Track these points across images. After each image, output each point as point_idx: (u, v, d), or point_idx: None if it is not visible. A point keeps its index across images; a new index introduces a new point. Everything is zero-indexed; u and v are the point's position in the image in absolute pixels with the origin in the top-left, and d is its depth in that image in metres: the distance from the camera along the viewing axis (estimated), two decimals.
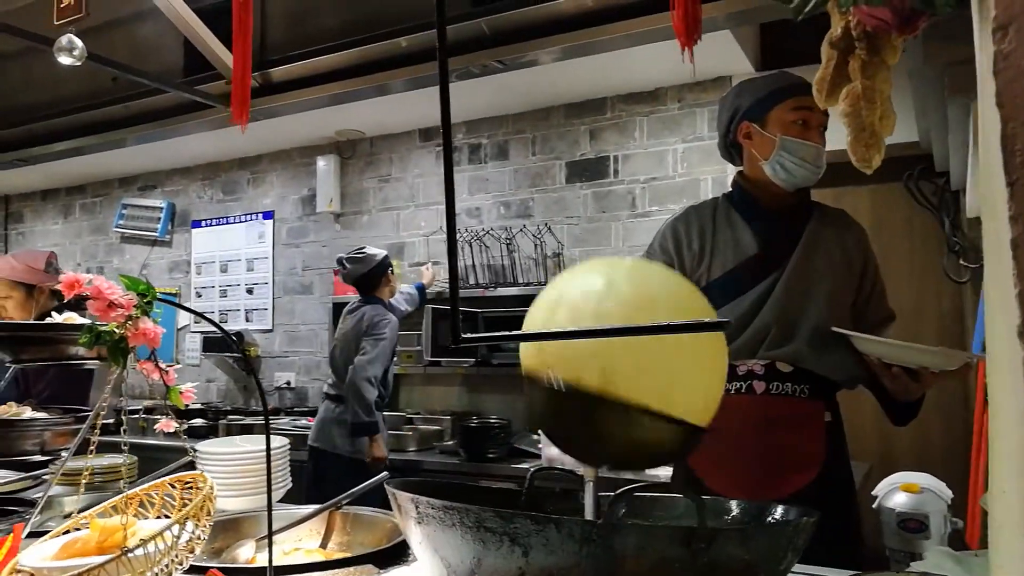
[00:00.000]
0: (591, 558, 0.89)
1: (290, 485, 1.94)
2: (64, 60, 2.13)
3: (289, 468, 1.96)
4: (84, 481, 1.17)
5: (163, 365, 1.12)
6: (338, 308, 4.57)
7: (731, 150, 1.87)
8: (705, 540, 0.89)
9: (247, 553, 1.56)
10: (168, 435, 1.29)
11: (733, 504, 1.25)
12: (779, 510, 1.17)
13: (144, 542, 0.97)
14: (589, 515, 1.33)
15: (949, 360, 1.54)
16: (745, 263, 1.74)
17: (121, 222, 5.74)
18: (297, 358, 5.05)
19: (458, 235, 4.39)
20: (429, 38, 2.34)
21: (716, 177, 3.90)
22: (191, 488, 1.22)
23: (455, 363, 4.07)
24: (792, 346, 1.67)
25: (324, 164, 4.91)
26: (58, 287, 1.16)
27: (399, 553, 1.49)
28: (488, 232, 4.36)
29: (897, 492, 2.82)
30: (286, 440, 1.96)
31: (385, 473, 1.91)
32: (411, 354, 4.25)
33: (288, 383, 5.02)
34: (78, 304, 2.17)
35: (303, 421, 4.19)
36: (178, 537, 1.02)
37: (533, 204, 4.36)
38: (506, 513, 0.93)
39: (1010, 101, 0.47)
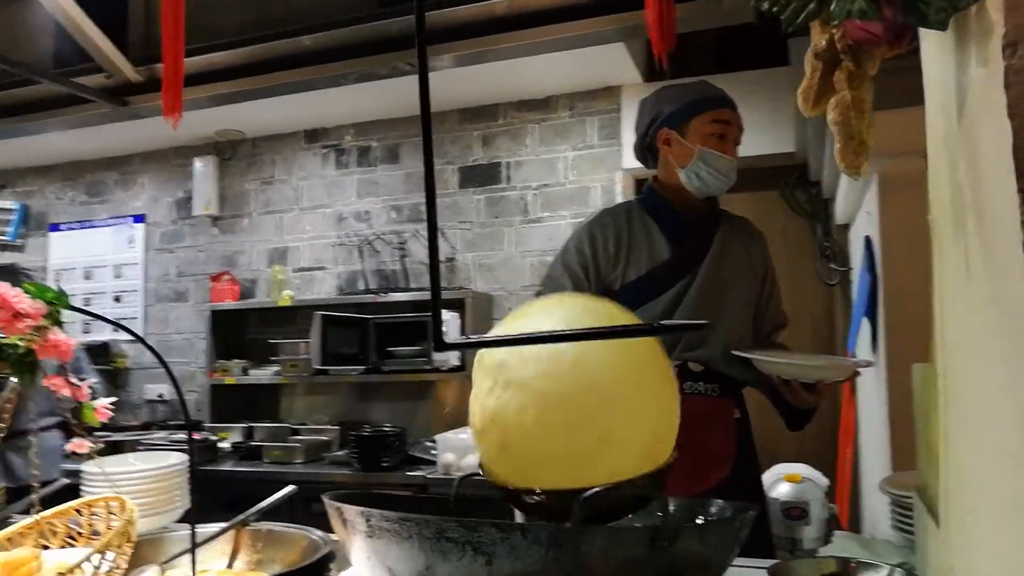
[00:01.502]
0: (557, 562, 0.88)
1: (188, 504, 1.82)
2: None
3: (188, 487, 1.83)
4: None
5: (74, 380, 1.02)
6: (217, 316, 4.35)
7: (647, 153, 1.91)
8: (668, 538, 0.90)
9: None
10: (79, 456, 1.17)
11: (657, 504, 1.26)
12: (714, 506, 1.21)
13: (63, 575, 0.88)
14: (519, 519, 1.33)
15: (840, 372, 1.64)
16: (659, 267, 1.79)
17: None
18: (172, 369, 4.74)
19: (347, 239, 4.29)
20: (331, 38, 2.27)
21: (605, 185, 4.00)
22: (97, 514, 1.11)
23: (343, 371, 3.96)
24: (705, 350, 1.73)
25: (201, 165, 4.66)
26: None
27: (321, 569, 1.42)
28: (379, 236, 4.28)
29: (781, 482, 2.98)
30: (184, 457, 1.84)
31: (292, 487, 1.82)
32: (295, 363, 4.09)
33: (161, 396, 4.72)
34: None
35: (180, 435, 3.95)
36: (98, 568, 0.92)
37: (425, 209, 4.31)
38: (470, 522, 0.90)
39: (1020, 113, 0.49)
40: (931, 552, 1.03)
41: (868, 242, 2.57)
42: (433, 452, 3.58)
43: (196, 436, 3.88)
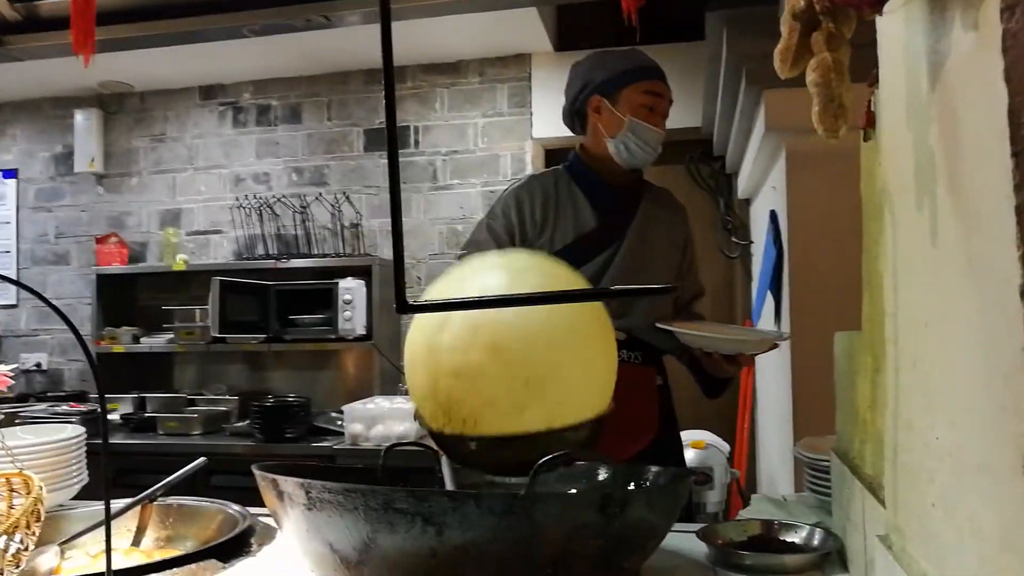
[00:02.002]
0: (510, 530, 0.87)
1: (86, 480, 1.70)
2: None
3: (85, 461, 1.71)
4: None
5: None
6: (103, 280, 4.08)
7: (575, 119, 1.90)
8: (619, 504, 0.90)
9: (50, 561, 1.34)
10: None
11: (602, 470, 1.27)
12: (650, 471, 1.22)
13: None
14: (449, 483, 1.32)
15: (760, 344, 1.68)
16: (585, 236, 1.79)
17: None
18: (50, 337, 4.44)
19: (245, 202, 4.10)
20: None
21: (515, 154, 3.97)
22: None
23: (242, 340, 3.80)
24: (629, 319, 1.74)
25: (84, 118, 4.33)
26: None
27: (241, 545, 1.35)
28: (280, 199, 4.11)
29: (688, 449, 3.09)
30: (82, 429, 1.71)
31: (202, 459, 1.73)
32: (191, 331, 3.89)
33: (39, 365, 4.41)
34: None
35: (64, 407, 3.70)
36: (5, 550, 0.84)
37: (329, 172, 4.17)
38: (420, 492, 0.87)
39: (1017, 76, 0.50)
40: (855, 508, 1.08)
41: (774, 216, 2.66)
42: (339, 423, 3.50)
43: (81, 407, 3.65)
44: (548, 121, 3.91)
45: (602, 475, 1.09)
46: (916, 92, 0.70)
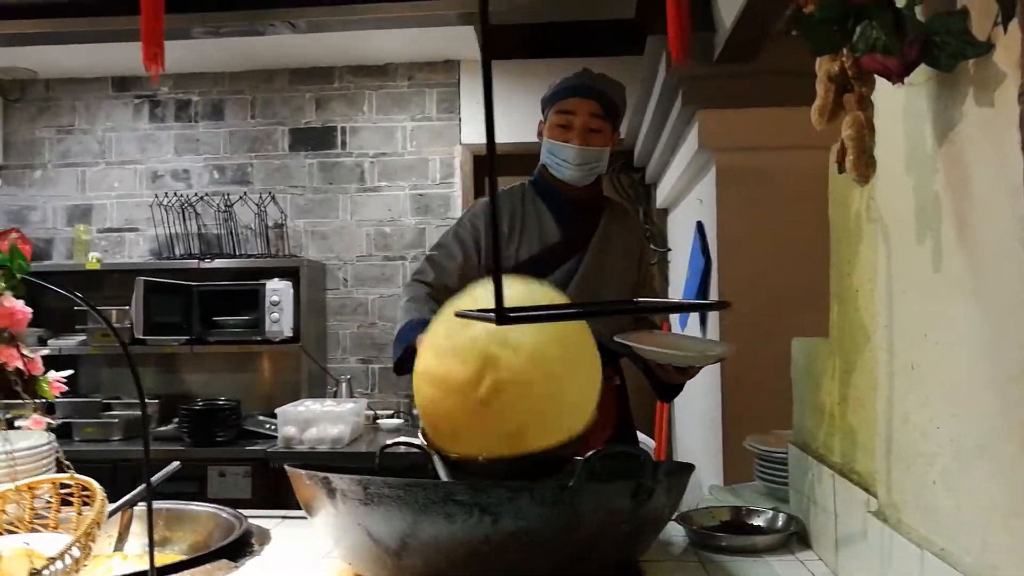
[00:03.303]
0: (557, 517, 0.97)
1: None
2: None
3: (55, 469, 1.68)
4: None
5: (27, 352, 0.94)
6: None
7: None
8: (648, 492, 1.02)
9: None
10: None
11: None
12: (662, 463, 1.34)
13: (52, 562, 0.83)
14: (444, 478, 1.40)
15: (709, 358, 1.81)
16: (550, 248, 1.90)
17: None
18: None
19: (164, 199, 3.99)
20: None
21: (444, 158, 4.05)
22: (45, 496, 1.03)
23: (163, 342, 3.70)
24: (593, 324, 1.85)
25: None
26: None
27: (244, 545, 1.39)
28: (202, 198, 4.03)
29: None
30: (50, 435, 1.68)
31: (175, 463, 1.75)
32: (107, 332, 3.76)
33: None
34: None
35: None
36: (76, 558, 0.87)
37: (252, 170, 4.12)
38: (479, 485, 0.96)
39: None
40: (821, 492, 1.24)
41: (700, 227, 2.86)
42: (267, 426, 3.48)
43: None
44: (477, 127, 4.01)
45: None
46: (919, 146, 0.85)
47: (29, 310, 0.91)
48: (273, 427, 3.41)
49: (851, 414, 1.14)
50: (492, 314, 0.75)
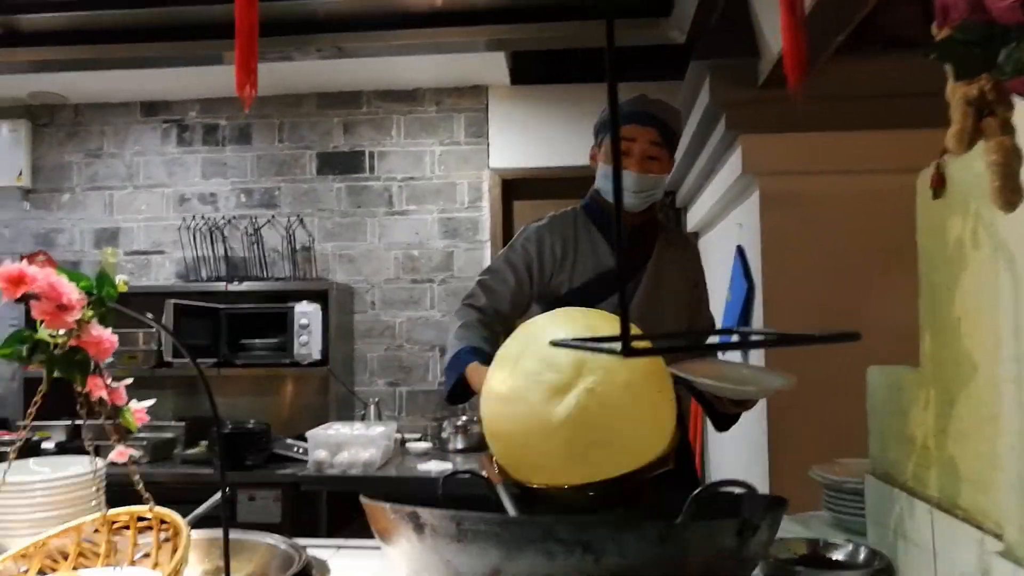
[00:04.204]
0: (663, 556, 0.93)
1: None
2: None
3: (104, 496, 1.64)
4: None
5: (110, 382, 0.91)
6: None
7: None
8: (753, 529, 0.98)
9: None
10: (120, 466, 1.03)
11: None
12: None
13: None
14: (512, 512, 1.37)
15: (765, 391, 1.77)
16: (603, 274, 1.87)
17: None
18: None
19: (191, 223, 3.99)
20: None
21: (472, 182, 4.04)
22: (116, 530, 0.99)
23: (190, 364, 3.67)
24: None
25: (10, 129, 4.12)
26: None
27: None
28: (229, 221, 4.02)
29: None
30: (102, 462, 1.64)
31: (218, 496, 1.71)
32: (133, 354, 3.73)
33: None
34: None
35: None
36: None
37: (280, 194, 4.11)
38: (581, 523, 0.92)
39: None
40: (915, 528, 1.20)
41: (741, 251, 2.83)
42: (296, 449, 3.44)
43: (13, 435, 3.43)
44: (505, 151, 4.00)
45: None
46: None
47: (115, 338, 0.88)
48: (302, 450, 3.37)
49: (952, 446, 1.10)
50: (616, 345, 0.72)
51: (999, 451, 0.94)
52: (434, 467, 3.28)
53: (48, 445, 3.50)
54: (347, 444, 3.23)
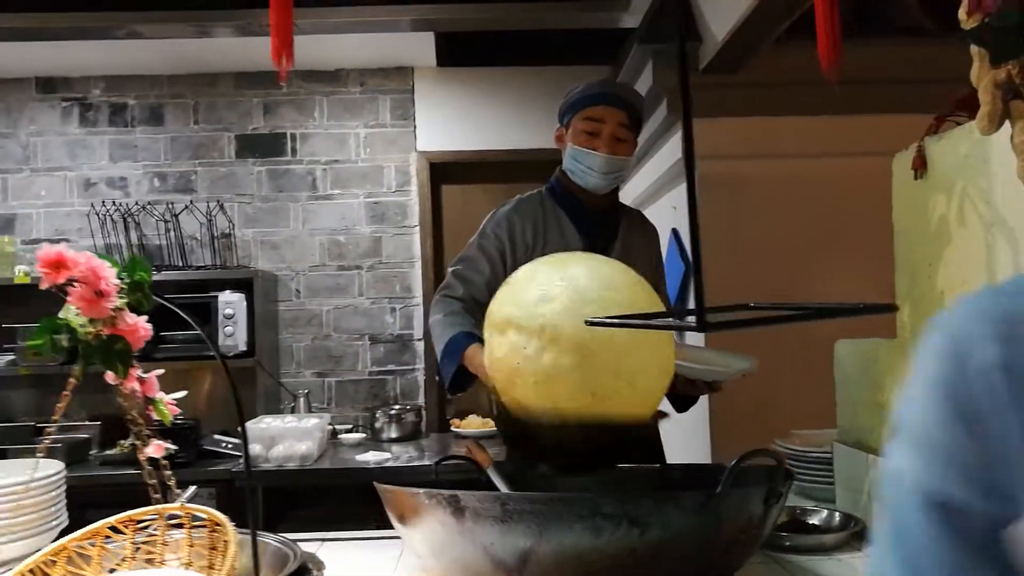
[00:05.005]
0: (701, 525, 0.96)
1: (66, 522, 1.54)
2: None
3: (65, 501, 1.55)
4: None
5: (141, 373, 0.86)
6: None
7: None
8: (777, 496, 1.03)
9: None
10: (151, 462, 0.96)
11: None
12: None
13: None
14: (502, 487, 1.40)
15: (733, 372, 1.83)
16: None
17: None
18: None
19: (100, 209, 3.76)
20: None
21: (399, 165, 3.98)
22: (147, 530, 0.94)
23: None
24: None
25: None
26: None
27: (304, 572, 1.32)
28: (142, 207, 3.81)
29: None
30: (61, 465, 1.55)
31: (193, 487, 1.64)
32: (39, 352, 3.49)
33: None
34: None
35: None
36: None
37: (196, 178, 3.93)
38: (625, 497, 0.94)
39: None
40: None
41: (676, 233, 2.92)
42: (225, 444, 3.32)
43: None
44: (432, 134, 3.96)
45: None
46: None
47: (150, 327, 0.83)
48: (231, 446, 3.26)
49: None
50: (691, 321, 0.74)
51: None
52: (372, 457, 3.24)
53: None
54: (281, 437, 3.14)
